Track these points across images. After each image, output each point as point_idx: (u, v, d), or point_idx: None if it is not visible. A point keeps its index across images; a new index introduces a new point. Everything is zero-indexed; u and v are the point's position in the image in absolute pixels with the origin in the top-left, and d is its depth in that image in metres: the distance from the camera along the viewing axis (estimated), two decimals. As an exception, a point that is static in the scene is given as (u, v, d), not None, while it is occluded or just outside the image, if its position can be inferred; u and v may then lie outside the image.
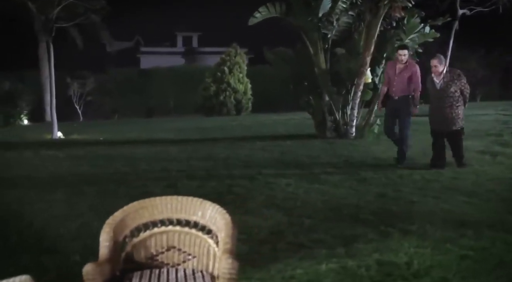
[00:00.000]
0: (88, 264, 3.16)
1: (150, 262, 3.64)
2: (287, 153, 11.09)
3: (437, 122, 8.97)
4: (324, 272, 4.56)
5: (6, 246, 5.53)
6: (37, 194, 7.92)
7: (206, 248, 3.66)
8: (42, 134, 17.36)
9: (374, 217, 6.22)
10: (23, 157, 11.64)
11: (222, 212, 3.63)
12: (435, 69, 8.78)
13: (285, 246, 5.32)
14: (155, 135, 15.84)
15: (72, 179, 9.00)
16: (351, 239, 5.40)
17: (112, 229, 3.57)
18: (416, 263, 4.69)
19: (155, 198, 3.76)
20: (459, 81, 8.77)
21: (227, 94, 25.95)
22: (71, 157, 11.51)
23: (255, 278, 4.51)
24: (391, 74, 9.60)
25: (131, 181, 8.74)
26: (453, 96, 8.72)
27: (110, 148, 12.76)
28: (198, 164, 10.03)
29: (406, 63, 9.44)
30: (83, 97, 28.00)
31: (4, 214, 6.81)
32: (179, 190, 7.97)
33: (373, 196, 7.31)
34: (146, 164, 10.22)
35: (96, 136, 16.24)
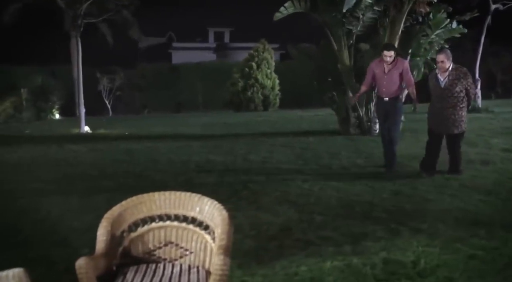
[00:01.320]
0: (81, 258, 3.19)
1: (148, 257, 3.67)
2: (307, 149, 11.03)
3: (437, 124, 8.15)
4: (328, 269, 4.54)
5: (18, 238, 5.64)
6: (56, 187, 8.07)
7: (203, 244, 3.67)
8: (70, 128, 17.59)
9: (386, 215, 6.16)
10: (48, 151, 11.81)
11: (220, 208, 3.63)
12: (441, 65, 7.92)
13: (292, 242, 5.31)
14: (180, 130, 15.91)
15: (92, 172, 9.12)
16: (359, 237, 5.36)
17: (110, 223, 3.61)
18: (423, 262, 4.64)
19: (153, 193, 3.79)
20: (465, 80, 7.89)
21: (254, 90, 25.91)
22: (94, 151, 11.65)
23: (259, 274, 4.51)
24: (379, 73, 8.65)
25: (150, 175, 8.81)
26: (458, 97, 7.89)
27: (133, 142, 12.87)
28: (217, 159, 10.05)
29: (394, 60, 8.55)
30: (113, 92, 28.26)
31: (21, 207, 6.94)
32: (195, 185, 8.02)
33: (389, 193, 7.22)
34: (166, 158, 10.28)
35: (122, 131, 16.40)
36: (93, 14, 19.92)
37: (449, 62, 7.90)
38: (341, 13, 12.93)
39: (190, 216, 3.72)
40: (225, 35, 48.70)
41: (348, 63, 13.21)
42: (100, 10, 20.26)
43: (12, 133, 16.62)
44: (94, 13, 20.22)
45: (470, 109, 19.52)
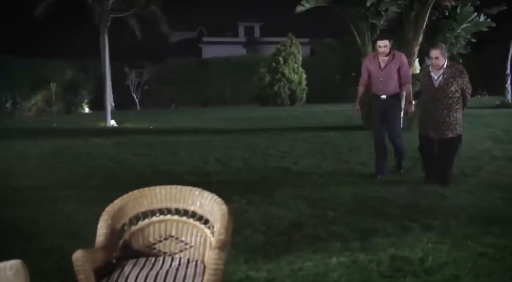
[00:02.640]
0: (78, 251, 3.23)
1: (148, 250, 3.69)
2: (328, 144, 10.99)
3: (429, 127, 7.31)
4: (334, 265, 4.51)
5: (33, 230, 5.73)
6: (75, 179, 8.19)
7: (203, 238, 3.68)
8: (97, 122, 17.83)
9: (399, 211, 6.10)
10: (72, 144, 11.99)
11: (220, 202, 3.63)
12: (435, 62, 7.05)
13: (301, 238, 5.29)
14: (204, 125, 15.99)
15: (112, 165, 9.23)
16: (369, 233, 5.32)
17: (110, 217, 3.65)
18: (431, 259, 4.58)
19: (154, 187, 3.81)
20: (461, 79, 7.07)
21: (281, 84, 25.89)
22: (117, 144, 11.79)
23: (264, 269, 4.50)
24: (374, 69, 7.76)
25: (167, 168, 8.89)
26: (453, 97, 7.09)
27: (156, 136, 12.99)
28: (237, 154, 10.08)
29: (390, 54, 7.67)
30: (140, 87, 28.52)
31: (39, 198, 7.05)
32: (211, 179, 8.08)
33: (405, 189, 7.15)
34: (186, 152, 10.35)
35: (147, 124, 16.56)
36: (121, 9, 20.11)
37: (444, 58, 7.09)
38: (364, 7, 12.82)
39: (191, 210, 3.73)
40: (255, 29, 48.70)
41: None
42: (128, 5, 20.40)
43: (40, 127, 16.93)
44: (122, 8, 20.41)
45: (499, 104, 19.24)
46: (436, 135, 7.28)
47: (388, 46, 7.58)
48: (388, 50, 7.61)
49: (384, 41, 7.57)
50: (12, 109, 24.20)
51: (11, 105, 24.36)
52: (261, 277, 4.35)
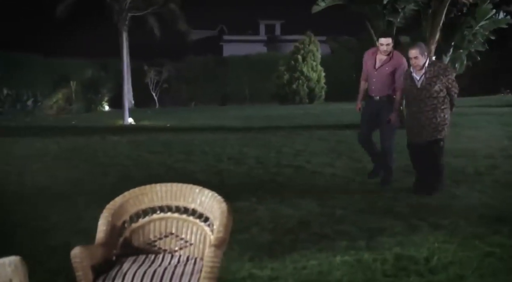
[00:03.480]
0: (76, 247, 3.26)
1: (148, 247, 3.72)
2: (343, 142, 10.93)
3: (415, 132, 6.74)
4: (338, 264, 4.50)
5: (43, 226, 5.79)
6: (89, 177, 8.26)
7: (203, 236, 3.69)
8: (115, 120, 17.96)
9: (408, 210, 6.07)
10: (89, 141, 12.10)
11: (220, 200, 3.64)
12: (415, 62, 6.57)
13: (307, 236, 5.29)
14: (221, 123, 16.02)
15: (126, 163, 9.30)
16: (376, 232, 5.29)
17: (111, 214, 3.69)
18: (436, 258, 4.54)
19: (155, 184, 3.83)
20: (445, 77, 6.55)
21: (300, 82, 25.83)
22: (132, 142, 11.86)
23: (269, 267, 4.50)
24: (369, 67, 7.26)
25: (181, 166, 8.93)
26: (438, 97, 6.55)
27: (172, 134, 13.05)
28: (251, 152, 10.08)
29: (390, 54, 7.12)
30: (159, 85, 28.66)
31: (52, 195, 7.13)
32: (224, 177, 8.11)
33: (417, 188, 7.08)
34: (201, 150, 10.38)
35: (165, 123, 16.64)
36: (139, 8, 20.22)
37: (424, 57, 6.58)
38: (381, 5, 12.75)
39: (191, 207, 3.74)
40: (276, 27, 48.68)
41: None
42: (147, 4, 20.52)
43: (59, 125, 17.10)
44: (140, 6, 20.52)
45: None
46: (425, 140, 6.68)
47: (391, 45, 7.07)
48: (390, 49, 7.08)
49: (387, 39, 7.05)
50: (33, 107, 24.48)
51: (32, 103, 24.63)
52: (264, 275, 4.35)
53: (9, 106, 24.26)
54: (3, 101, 24.30)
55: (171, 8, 25.63)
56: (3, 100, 24.31)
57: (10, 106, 24.34)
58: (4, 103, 24.27)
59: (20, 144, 12.04)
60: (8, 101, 24.41)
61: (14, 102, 24.53)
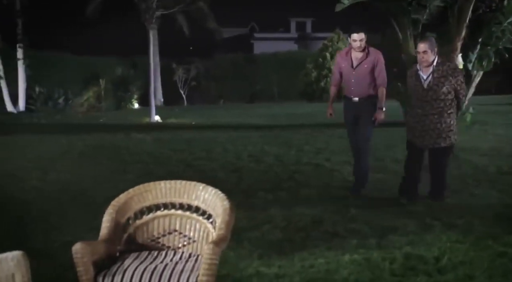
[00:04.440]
0: (77, 243, 3.32)
1: (152, 244, 3.76)
2: (366, 140, 10.83)
3: (419, 135, 6.27)
4: (346, 262, 4.48)
5: (60, 222, 5.88)
6: (109, 174, 8.34)
7: (205, 233, 3.72)
8: (142, 118, 18.13)
9: (424, 209, 6.01)
10: (114, 139, 12.22)
11: (223, 197, 3.66)
12: (423, 57, 6.02)
13: (318, 234, 5.28)
14: (246, 121, 16.06)
15: (147, 160, 9.38)
16: (388, 231, 5.26)
17: (115, 210, 3.74)
18: (446, 258, 4.49)
19: (159, 181, 3.87)
20: (454, 79, 6.00)
21: (327, 80, 25.70)
22: (156, 139, 11.96)
23: (276, 265, 4.50)
24: (346, 68, 6.74)
25: (200, 164, 8.97)
26: (445, 100, 6.04)
27: (195, 132, 13.13)
28: (272, 150, 10.08)
29: (365, 50, 6.60)
30: (188, 83, 28.83)
31: (72, 192, 7.23)
32: (242, 175, 8.13)
33: (434, 187, 7.00)
34: (222, 148, 10.41)
35: (190, 120, 16.75)
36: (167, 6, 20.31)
37: (434, 54, 6.02)
38: (406, 2, 12.60)
39: (194, 205, 3.77)
40: (307, 25, 48.56)
41: (414, 53, 12.84)
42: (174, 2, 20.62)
43: (88, 122, 17.34)
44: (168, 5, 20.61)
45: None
46: (427, 145, 6.26)
47: (364, 40, 6.52)
48: (363, 45, 6.55)
49: (359, 35, 6.50)
50: (64, 105, 24.88)
51: (63, 101, 25.03)
52: (271, 273, 4.35)
53: (41, 104, 24.70)
54: (35, 99, 24.75)
55: (200, 6, 25.70)
56: (35, 98, 24.76)
57: (42, 104, 24.79)
58: (36, 101, 24.72)
59: (47, 141, 12.21)
60: (40, 99, 24.85)
61: (46, 100, 24.97)
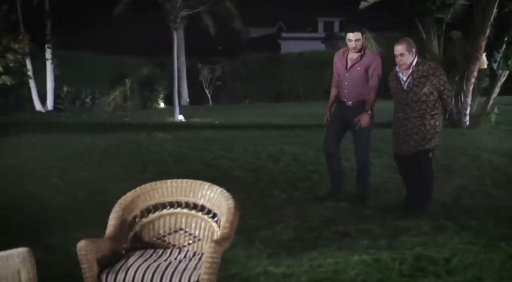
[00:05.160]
0: (82, 241, 3.36)
1: (157, 242, 3.79)
2: (387, 140, 10.65)
3: (402, 141, 5.87)
4: (355, 263, 4.46)
5: (75, 219, 5.95)
6: (129, 172, 8.40)
7: (210, 232, 3.74)
8: (166, 117, 18.26)
9: (439, 210, 5.95)
10: (136, 138, 12.31)
11: (228, 197, 3.68)
12: (400, 60, 5.71)
13: (330, 234, 5.26)
14: (269, 120, 16.06)
15: (167, 159, 9.44)
16: (400, 231, 5.22)
17: (121, 208, 3.78)
18: (457, 260, 4.45)
19: (166, 180, 3.91)
20: (435, 78, 5.65)
21: (352, 80, 25.51)
22: (177, 139, 12.03)
23: (285, 264, 4.51)
24: (340, 69, 6.41)
25: (218, 163, 9.00)
26: (427, 101, 5.68)
27: (217, 131, 13.18)
28: (291, 149, 10.06)
29: (361, 52, 6.22)
30: (213, 83, 28.94)
31: (91, 190, 7.32)
32: (259, 175, 8.14)
33: (453, 188, 6.94)
34: (242, 147, 10.42)
35: (215, 120, 16.81)
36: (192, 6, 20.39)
37: (412, 55, 5.71)
38: (431, 0, 12.48)
39: (200, 203, 3.80)
40: (335, 24, 48.39)
41: (437, 52, 12.73)
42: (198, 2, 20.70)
43: (112, 121, 17.53)
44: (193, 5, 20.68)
45: None
46: (410, 149, 5.84)
47: (361, 40, 6.14)
48: (360, 45, 6.15)
49: (355, 34, 6.09)
50: (91, 104, 25.22)
51: (90, 100, 25.39)
52: (279, 272, 4.36)
53: (69, 104, 25.09)
54: (63, 99, 25.15)
55: (226, 6, 25.77)
56: (63, 97, 25.16)
57: (70, 103, 25.18)
58: (64, 101, 25.12)
59: (72, 140, 12.37)
60: (68, 98, 25.26)
61: (74, 99, 25.35)
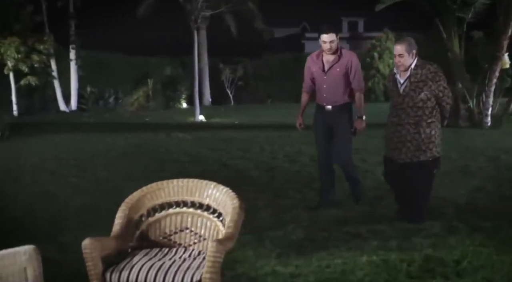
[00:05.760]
0: (87, 239, 3.41)
1: (163, 241, 3.83)
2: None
3: (394, 148, 5.52)
4: (363, 263, 4.44)
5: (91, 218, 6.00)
6: (146, 172, 8.48)
7: (216, 231, 3.76)
8: (187, 117, 18.35)
9: (453, 211, 5.90)
10: (155, 138, 12.41)
11: (233, 196, 3.70)
12: (399, 61, 5.37)
13: (340, 235, 5.24)
14: (289, 120, 15.86)
15: (184, 159, 9.50)
16: (412, 232, 5.18)
17: (128, 207, 3.82)
18: (467, 261, 4.40)
19: (172, 180, 3.94)
20: (434, 84, 5.29)
21: (375, 80, 25.42)
22: (196, 139, 12.09)
23: (293, 264, 4.51)
24: (317, 72, 6.10)
25: (235, 163, 9.03)
26: (424, 107, 5.32)
27: (237, 131, 13.21)
28: (308, 150, 9.99)
29: (337, 53, 5.94)
30: (234, 82, 28.97)
31: (106, 189, 7.39)
32: (275, 175, 8.16)
33: (469, 189, 6.86)
34: (260, 147, 10.44)
35: (235, 120, 16.85)
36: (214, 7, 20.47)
37: (411, 57, 5.34)
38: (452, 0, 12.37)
39: (205, 203, 3.83)
40: (359, 24, 48.13)
41: (458, 52, 12.61)
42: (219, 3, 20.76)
43: (134, 121, 17.67)
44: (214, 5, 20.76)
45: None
46: (404, 159, 5.47)
47: (336, 41, 5.86)
48: (335, 46, 5.88)
49: (329, 35, 5.84)
50: (114, 104, 25.45)
51: (113, 100, 25.62)
52: (287, 272, 4.36)
53: (92, 104, 25.33)
54: (87, 99, 25.41)
55: (249, 7, 25.80)
56: (87, 98, 25.42)
57: (93, 103, 25.42)
58: (88, 101, 25.37)
59: (92, 139, 12.51)
60: (92, 98, 25.50)
61: (97, 99, 25.60)
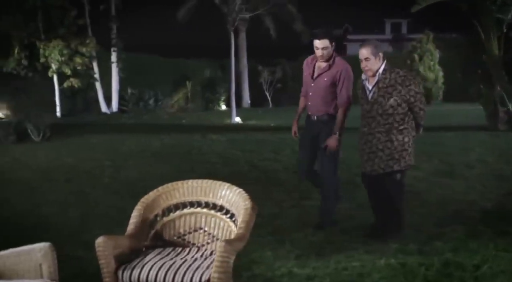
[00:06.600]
0: (100, 237, 3.48)
1: (177, 240, 3.89)
2: (439, 144, 10.54)
3: (367, 159, 5.17)
4: (380, 267, 4.42)
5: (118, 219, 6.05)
6: (176, 173, 8.56)
7: (228, 231, 3.81)
8: (224, 119, 18.50)
9: (480, 215, 5.81)
10: (189, 139, 12.52)
11: (245, 197, 3.73)
12: (366, 65, 4.99)
13: (361, 238, 5.21)
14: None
15: (215, 160, 9.59)
16: (434, 236, 5.13)
17: (143, 207, 3.90)
18: (487, 266, 4.33)
19: (187, 180, 4.00)
20: (404, 88, 4.87)
21: (415, 83, 25.02)
22: (229, 140, 12.16)
23: (311, 266, 4.52)
24: (306, 78, 5.66)
25: (265, 165, 9.06)
26: (394, 114, 4.90)
27: (270, 133, 13.24)
28: (339, 152, 9.99)
29: (329, 61, 5.44)
30: (273, 85, 29.00)
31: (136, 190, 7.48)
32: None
33: (499, 194, 6.75)
34: (291, 150, 10.38)
35: (270, 122, 16.89)
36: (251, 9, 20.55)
37: (379, 60, 4.98)
38: (491, 0, 12.13)
39: (219, 203, 3.88)
40: (402, 26, 47.72)
41: (497, 53, 12.35)
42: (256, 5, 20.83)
43: (171, 123, 17.87)
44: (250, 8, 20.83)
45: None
46: (376, 169, 5.09)
47: (330, 48, 5.37)
48: (328, 54, 5.39)
49: (322, 41, 5.33)
50: (154, 106, 25.78)
51: (153, 102, 25.95)
52: (303, 273, 4.37)
53: (133, 105, 25.71)
54: (128, 101, 25.80)
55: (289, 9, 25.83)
56: (128, 99, 25.81)
57: (134, 105, 25.80)
58: (128, 103, 25.76)
59: (129, 140, 12.70)
60: (132, 100, 25.87)
61: (137, 101, 25.97)
